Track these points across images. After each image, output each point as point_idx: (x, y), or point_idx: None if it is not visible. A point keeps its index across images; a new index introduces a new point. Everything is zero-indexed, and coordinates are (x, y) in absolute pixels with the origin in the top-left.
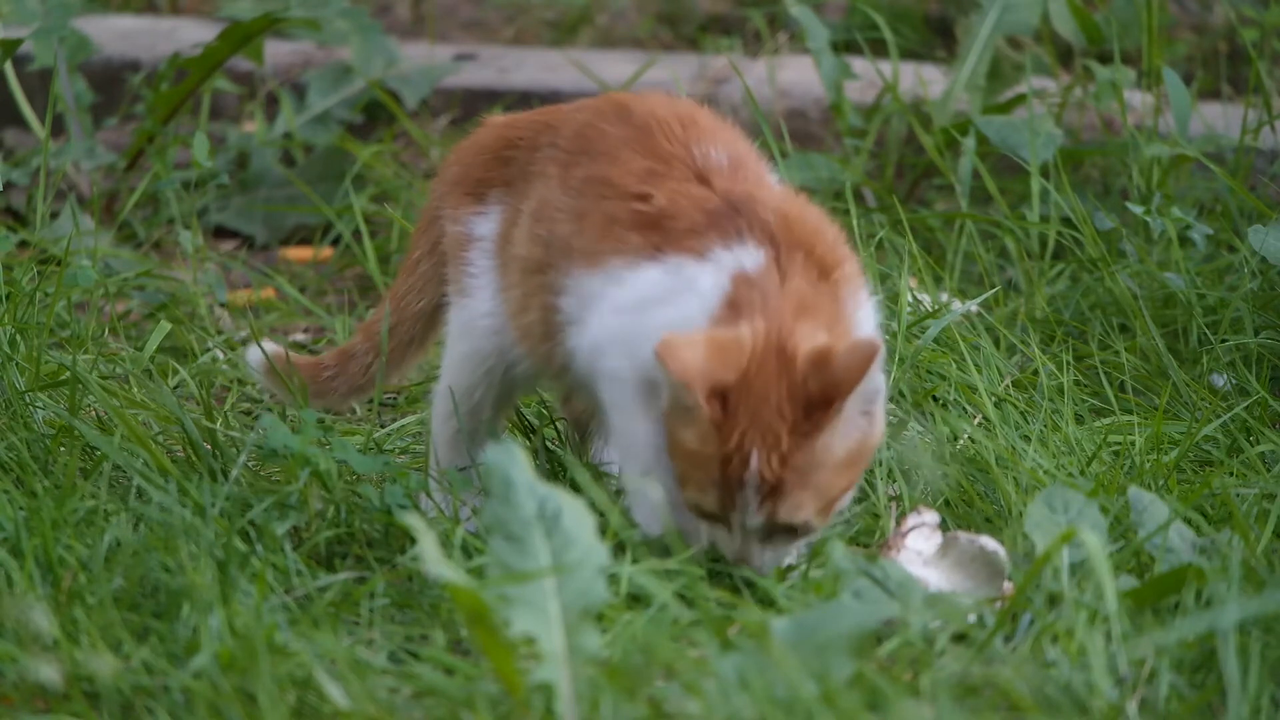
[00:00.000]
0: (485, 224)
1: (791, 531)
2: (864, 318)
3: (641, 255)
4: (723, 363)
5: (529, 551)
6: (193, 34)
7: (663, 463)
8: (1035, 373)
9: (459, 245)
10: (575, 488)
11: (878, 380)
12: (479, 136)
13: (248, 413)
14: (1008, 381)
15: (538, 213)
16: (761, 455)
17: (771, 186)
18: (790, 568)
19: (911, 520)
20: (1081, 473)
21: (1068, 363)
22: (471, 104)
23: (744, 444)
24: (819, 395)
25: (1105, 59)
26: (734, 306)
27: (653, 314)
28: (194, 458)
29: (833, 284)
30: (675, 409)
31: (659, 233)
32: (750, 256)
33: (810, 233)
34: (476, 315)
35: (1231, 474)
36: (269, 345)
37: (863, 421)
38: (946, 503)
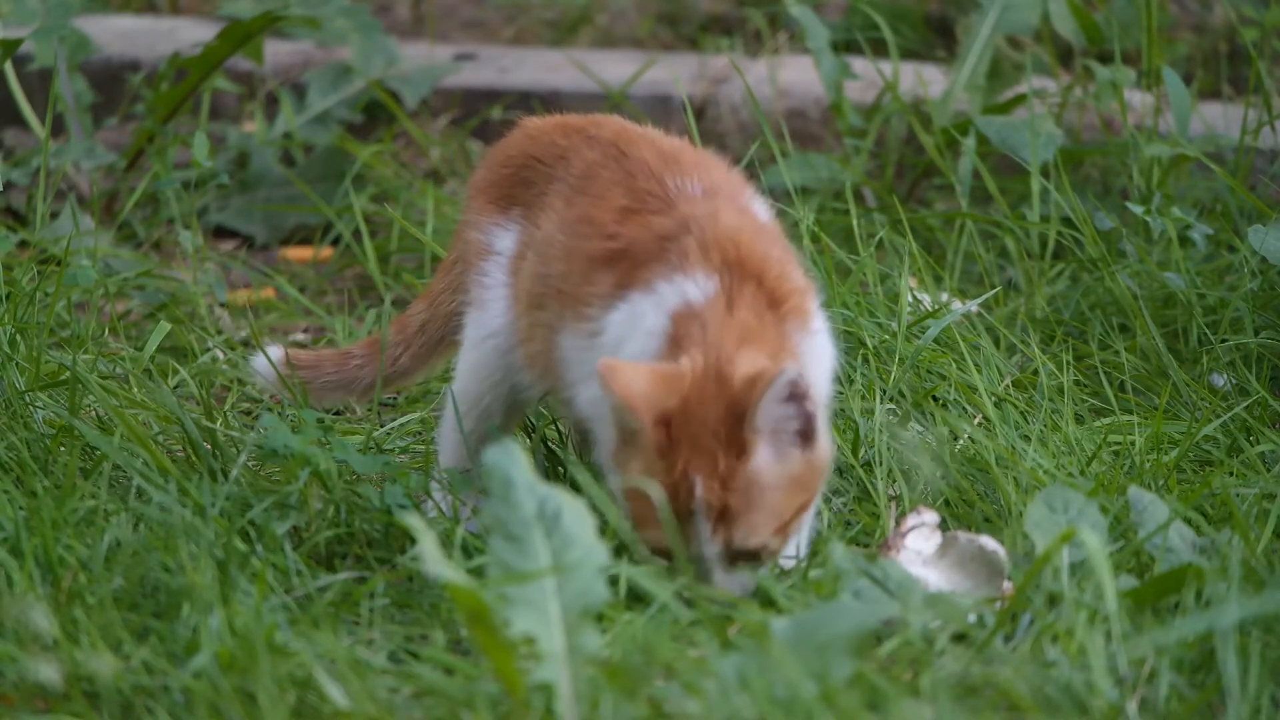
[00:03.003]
0: (505, 239)
1: (751, 556)
2: (811, 348)
3: (608, 299)
4: (666, 390)
5: (529, 551)
6: (192, 33)
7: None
8: (1035, 372)
9: (478, 253)
10: (576, 488)
11: (779, 409)
12: (510, 144)
13: (248, 413)
14: (1008, 381)
15: (540, 249)
16: (704, 482)
17: (742, 212)
18: (789, 570)
19: (911, 520)
20: (1081, 472)
21: (1068, 362)
22: (471, 104)
23: (687, 472)
24: (735, 423)
25: (1105, 59)
26: (676, 343)
27: (619, 353)
28: (194, 458)
29: (780, 315)
30: (622, 439)
31: (623, 265)
32: (696, 287)
33: (760, 262)
34: (487, 332)
35: (1231, 474)
36: (274, 350)
37: (795, 445)
38: (946, 502)
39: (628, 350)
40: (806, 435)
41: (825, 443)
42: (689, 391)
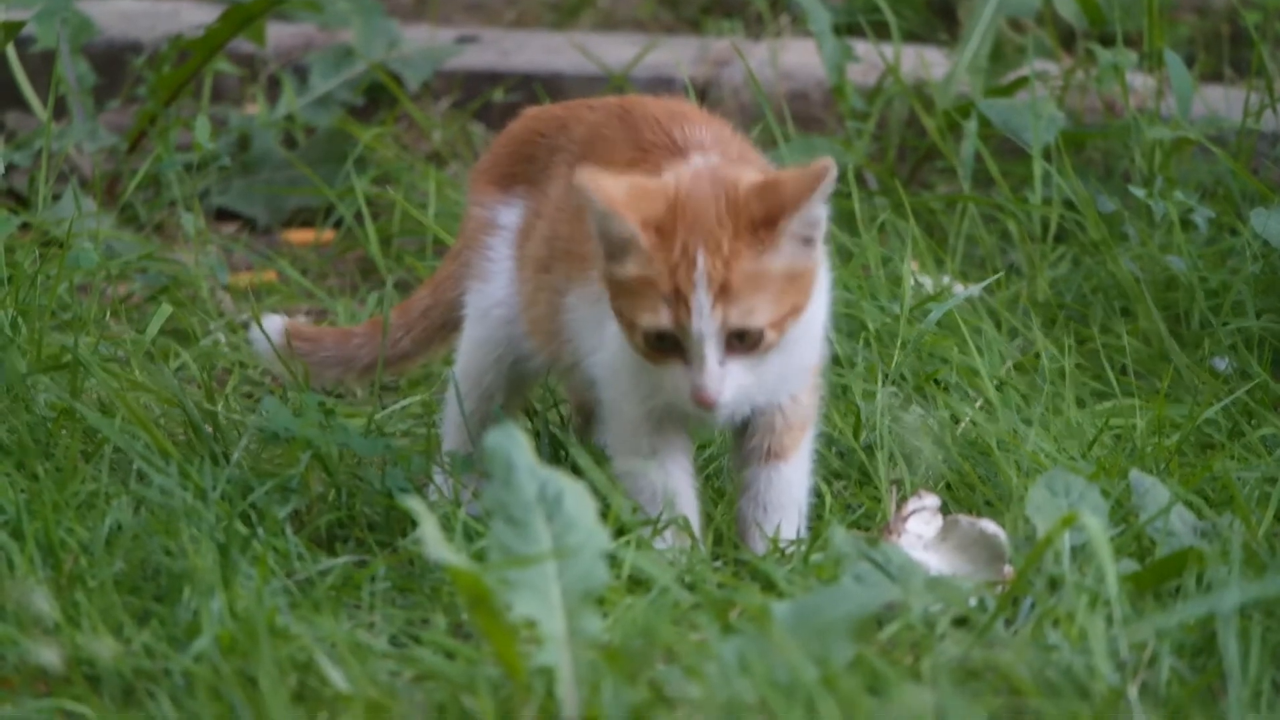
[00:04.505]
0: (510, 214)
1: (745, 341)
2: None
3: None
4: (648, 200)
5: (530, 535)
6: (194, 15)
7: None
8: (1037, 356)
9: (482, 230)
10: (577, 471)
11: (820, 209)
12: (511, 128)
13: (249, 396)
14: (1009, 365)
15: (549, 214)
16: (707, 256)
17: (755, 162)
18: (790, 554)
19: (912, 504)
20: (1083, 456)
21: (1069, 346)
22: (473, 86)
23: (689, 248)
24: (763, 215)
25: (1107, 41)
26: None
27: None
28: (195, 441)
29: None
30: (609, 253)
31: None
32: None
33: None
34: (491, 303)
35: (1233, 457)
36: (278, 319)
37: (803, 250)
38: (947, 486)
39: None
40: (809, 239)
41: (821, 254)
42: (678, 193)
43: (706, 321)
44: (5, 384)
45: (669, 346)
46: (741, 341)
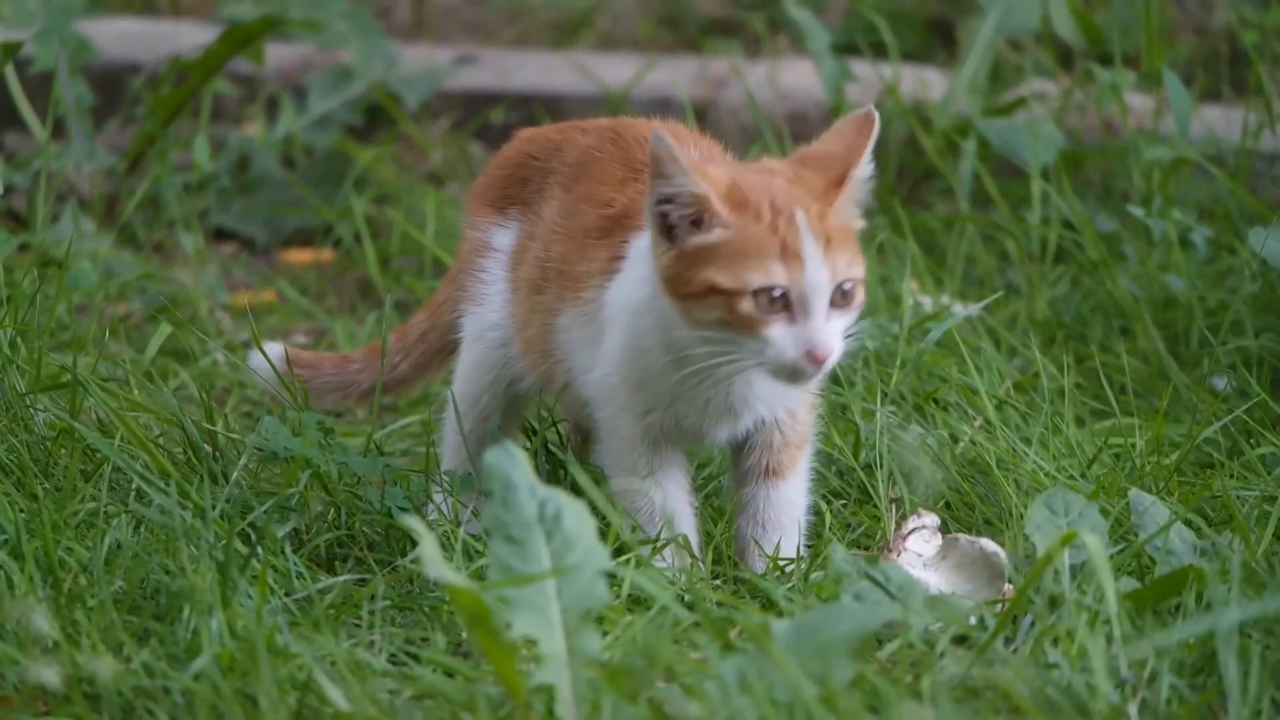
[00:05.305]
0: (504, 237)
1: (846, 296)
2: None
3: (603, 276)
4: (712, 177)
5: (530, 554)
6: (193, 36)
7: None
8: (1036, 375)
9: (477, 252)
10: (576, 490)
11: (870, 161)
12: (505, 151)
13: (248, 415)
14: (1008, 384)
15: (542, 236)
16: (803, 213)
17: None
18: (789, 572)
19: (912, 523)
20: (1082, 475)
21: (1068, 365)
22: (472, 106)
23: (779, 208)
24: (826, 178)
25: (1106, 61)
26: None
27: (622, 296)
28: (194, 460)
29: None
30: (685, 218)
31: (620, 230)
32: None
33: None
34: (486, 325)
35: (1232, 476)
36: (274, 348)
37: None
38: (947, 505)
39: (626, 290)
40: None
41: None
42: (733, 172)
43: (822, 272)
44: (5, 404)
45: (776, 308)
46: (844, 296)
